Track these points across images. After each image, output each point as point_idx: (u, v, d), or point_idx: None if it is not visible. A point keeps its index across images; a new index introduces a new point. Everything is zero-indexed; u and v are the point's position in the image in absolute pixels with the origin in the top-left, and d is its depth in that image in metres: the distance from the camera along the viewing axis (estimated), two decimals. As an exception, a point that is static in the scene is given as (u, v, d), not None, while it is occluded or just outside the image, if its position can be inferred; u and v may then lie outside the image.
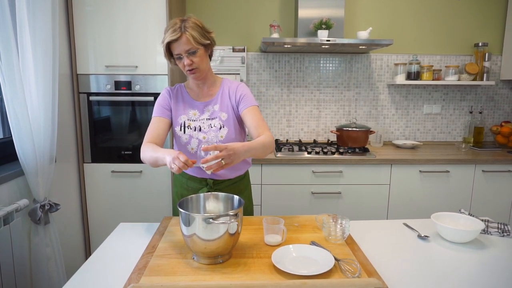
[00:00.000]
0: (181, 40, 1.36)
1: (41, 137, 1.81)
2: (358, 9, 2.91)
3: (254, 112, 1.48)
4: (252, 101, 1.51)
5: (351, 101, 3.02)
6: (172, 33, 1.36)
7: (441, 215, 1.41)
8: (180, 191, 1.60)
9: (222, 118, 1.50)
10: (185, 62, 1.40)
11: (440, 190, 2.51)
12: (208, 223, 1.04)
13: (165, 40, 1.38)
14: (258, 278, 1.02)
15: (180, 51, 1.39)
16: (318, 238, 1.29)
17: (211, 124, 1.49)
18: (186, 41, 1.37)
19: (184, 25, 1.37)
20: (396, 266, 1.15)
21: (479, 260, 1.19)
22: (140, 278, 1.02)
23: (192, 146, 1.50)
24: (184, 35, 1.36)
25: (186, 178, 1.58)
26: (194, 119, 1.51)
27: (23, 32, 1.70)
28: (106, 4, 2.27)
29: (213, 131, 1.49)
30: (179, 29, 1.36)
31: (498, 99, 3.07)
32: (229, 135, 1.50)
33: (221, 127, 1.49)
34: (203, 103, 1.52)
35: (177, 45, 1.38)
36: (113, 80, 2.36)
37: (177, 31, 1.36)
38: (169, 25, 1.40)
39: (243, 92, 1.52)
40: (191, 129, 1.49)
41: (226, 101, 1.52)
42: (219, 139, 1.49)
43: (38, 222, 1.79)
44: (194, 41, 1.37)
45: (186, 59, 1.39)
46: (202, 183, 1.55)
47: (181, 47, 1.38)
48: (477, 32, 2.98)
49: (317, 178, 2.46)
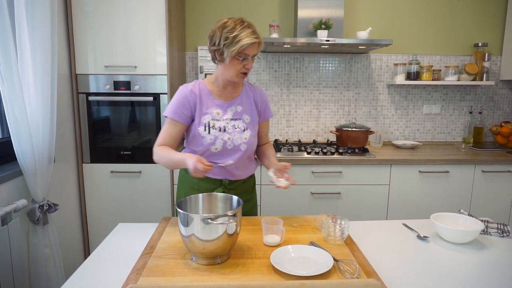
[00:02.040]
0: (256, 45, 1.41)
1: (39, 137, 1.81)
2: (358, 9, 2.91)
3: (268, 123, 1.67)
4: (271, 112, 1.65)
5: (350, 101, 3.02)
6: (252, 34, 1.38)
7: (440, 215, 1.40)
8: (188, 192, 1.54)
9: (245, 120, 1.53)
10: (249, 66, 1.44)
11: (440, 190, 2.51)
12: (207, 224, 1.04)
13: (246, 40, 1.37)
14: (257, 279, 1.02)
15: (251, 53, 1.41)
16: (317, 238, 1.28)
17: (235, 125, 1.50)
18: (259, 47, 1.43)
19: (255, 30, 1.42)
20: (395, 266, 1.15)
21: (478, 261, 1.19)
22: (138, 278, 1.01)
23: (217, 146, 1.48)
24: (259, 41, 1.42)
25: (197, 179, 1.54)
26: (218, 119, 1.49)
27: (21, 31, 1.70)
28: (106, 4, 2.27)
29: (237, 132, 1.50)
30: (256, 33, 1.41)
31: (498, 99, 3.07)
32: (251, 138, 1.53)
33: (244, 129, 1.51)
34: (227, 103, 1.52)
35: (252, 48, 1.40)
36: (112, 80, 2.36)
37: (256, 34, 1.40)
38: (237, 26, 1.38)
39: (267, 101, 1.63)
40: (215, 130, 1.48)
41: (251, 105, 1.56)
42: (243, 141, 1.50)
43: (36, 222, 1.79)
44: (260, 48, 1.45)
45: (251, 63, 1.44)
46: (216, 183, 1.54)
47: (254, 50, 1.42)
48: (476, 32, 2.98)
49: (317, 178, 2.46)
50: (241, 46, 1.37)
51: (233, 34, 1.37)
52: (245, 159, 1.55)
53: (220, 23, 1.42)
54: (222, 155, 1.49)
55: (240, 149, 1.50)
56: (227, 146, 1.48)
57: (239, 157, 1.51)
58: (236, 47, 1.37)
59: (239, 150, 1.50)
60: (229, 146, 1.48)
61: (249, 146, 1.52)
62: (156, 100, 2.38)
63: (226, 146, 1.48)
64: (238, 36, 1.37)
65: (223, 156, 1.50)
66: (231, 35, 1.37)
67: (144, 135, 2.44)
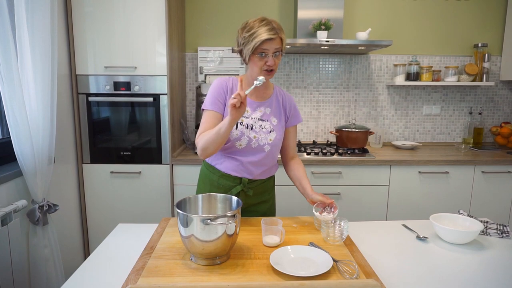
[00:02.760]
0: (276, 40, 1.40)
1: (39, 138, 1.81)
2: (357, 10, 2.91)
3: (295, 131, 1.65)
4: (300, 117, 1.64)
5: (350, 102, 3.02)
6: (270, 31, 1.38)
7: (440, 216, 1.41)
8: (209, 189, 1.56)
9: (272, 122, 1.54)
10: (270, 62, 1.42)
11: (440, 191, 2.51)
12: (206, 224, 1.04)
13: (262, 36, 1.37)
14: (256, 279, 1.02)
15: (269, 48, 1.40)
16: (317, 239, 1.28)
17: (262, 125, 1.51)
18: (279, 42, 1.41)
19: (276, 27, 1.41)
20: (394, 267, 1.15)
21: (478, 261, 1.19)
22: (138, 279, 1.02)
23: (241, 143, 1.49)
24: (278, 37, 1.40)
25: (218, 175, 1.55)
26: (246, 116, 1.51)
27: (21, 32, 1.70)
28: (105, 5, 2.27)
29: (264, 133, 1.51)
30: (275, 29, 1.39)
31: (498, 100, 3.07)
32: (276, 140, 1.54)
33: (271, 130, 1.52)
34: (257, 103, 1.54)
35: (269, 43, 1.39)
36: (112, 80, 2.36)
37: (274, 30, 1.39)
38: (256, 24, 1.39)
39: (295, 106, 1.63)
40: (243, 126, 1.49)
41: (279, 108, 1.57)
42: (268, 142, 1.52)
43: (36, 223, 1.79)
44: (283, 44, 1.44)
45: (272, 59, 1.42)
46: (236, 181, 1.54)
47: (272, 45, 1.40)
48: (476, 32, 2.98)
49: (316, 179, 2.46)
50: (256, 43, 1.38)
51: (250, 33, 1.39)
52: (268, 160, 1.56)
53: (242, 25, 1.45)
54: (245, 152, 1.50)
55: (263, 150, 1.51)
56: (252, 144, 1.49)
57: (262, 157, 1.52)
58: (252, 44, 1.39)
59: (262, 150, 1.51)
60: (254, 144, 1.49)
61: (273, 148, 1.54)
62: (156, 100, 2.38)
63: (250, 144, 1.49)
64: (255, 33, 1.38)
65: (246, 153, 1.51)
66: (248, 34, 1.40)
67: (144, 136, 2.44)
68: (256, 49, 1.40)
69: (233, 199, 1.24)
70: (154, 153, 2.44)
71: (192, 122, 2.99)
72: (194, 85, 2.94)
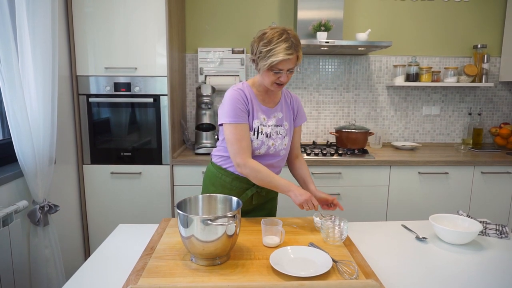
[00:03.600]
0: (292, 60, 1.36)
1: (40, 139, 1.81)
2: (357, 11, 2.92)
3: (300, 130, 1.66)
4: (305, 117, 1.65)
5: (350, 103, 3.03)
6: (287, 50, 1.33)
7: (439, 216, 1.41)
8: (221, 191, 1.53)
9: (285, 126, 1.55)
10: (283, 79, 1.39)
11: (439, 191, 2.51)
12: (206, 225, 1.05)
13: (279, 57, 1.32)
14: (256, 280, 1.02)
15: (284, 68, 1.37)
16: (317, 239, 1.29)
17: (277, 131, 1.52)
18: (295, 61, 1.38)
19: (294, 43, 1.35)
20: (394, 267, 1.16)
21: (477, 262, 1.19)
22: (138, 279, 1.02)
23: (261, 151, 1.49)
24: (296, 55, 1.36)
25: (231, 178, 1.55)
26: (264, 124, 1.50)
27: (22, 33, 1.70)
28: (106, 6, 2.28)
29: (279, 138, 1.52)
30: (293, 47, 1.34)
31: (497, 100, 3.07)
32: (289, 144, 1.57)
33: (285, 135, 1.54)
34: (270, 110, 1.53)
35: (285, 63, 1.35)
36: (112, 81, 2.36)
37: (291, 49, 1.34)
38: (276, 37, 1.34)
39: (300, 106, 1.63)
40: (263, 135, 1.49)
41: (289, 111, 1.58)
42: (284, 147, 1.54)
43: (37, 223, 1.79)
44: (299, 61, 1.40)
45: (285, 76, 1.39)
46: (250, 183, 1.54)
47: (288, 65, 1.37)
48: (476, 34, 2.99)
49: (316, 179, 2.46)
50: (272, 62, 1.34)
51: (267, 48, 1.34)
52: (281, 163, 1.60)
53: (260, 34, 1.39)
54: (262, 157, 1.52)
55: (279, 154, 1.54)
56: (270, 151, 1.51)
57: (277, 161, 1.55)
58: (268, 62, 1.35)
59: (278, 155, 1.54)
60: (271, 151, 1.51)
61: (287, 151, 1.58)
62: (156, 101, 2.39)
63: (269, 151, 1.51)
64: (272, 50, 1.33)
65: (263, 158, 1.52)
66: (265, 49, 1.35)
67: (144, 137, 2.44)
68: (272, 67, 1.37)
69: (233, 199, 1.24)
70: (154, 154, 2.45)
71: (192, 123, 2.99)
72: (194, 85, 2.94)
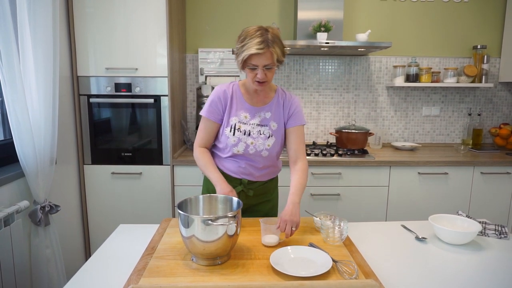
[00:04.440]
0: (265, 54, 1.33)
1: (41, 139, 1.82)
2: (357, 11, 2.92)
3: (299, 132, 1.53)
4: (302, 119, 1.54)
5: (350, 103, 3.03)
6: (259, 45, 1.31)
7: (438, 217, 1.42)
8: (212, 188, 1.56)
9: (272, 127, 1.52)
10: (260, 76, 1.36)
11: (439, 192, 2.52)
12: (207, 225, 1.05)
13: (249, 51, 1.31)
14: (257, 280, 1.03)
15: (258, 64, 1.35)
16: (317, 239, 1.29)
17: (260, 131, 1.50)
18: (269, 57, 1.34)
19: (269, 39, 1.33)
20: (393, 267, 1.16)
21: (476, 262, 1.20)
22: (139, 279, 1.03)
23: (239, 149, 1.49)
24: (269, 51, 1.33)
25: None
26: (244, 122, 1.50)
27: (23, 34, 1.71)
28: (106, 6, 2.29)
29: (262, 138, 1.50)
30: (266, 42, 1.32)
31: (497, 101, 3.08)
32: (274, 145, 1.52)
33: (269, 136, 1.51)
34: (256, 108, 1.51)
35: (258, 58, 1.33)
36: (113, 82, 2.37)
37: (264, 44, 1.32)
38: (251, 33, 1.34)
39: (297, 107, 1.54)
40: (240, 132, 1.49)
41: (280, 111, 1.53)
42: (266, 147, 1.50)
43: (38, 223, 1.80)
44: (276, 58, 1.36)
45: (261, 73, 1.36)
46: (236, 182, 1.56)
47: (261, 61, 1.34)
48: (475, 34, 2.99)
49: (316, 180, 2.47)
50: (244, 56, 1.34)
51: (241, 44, 1.35)
52: (268, 163, 1.56)
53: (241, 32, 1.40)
54: (244, 157, 1.52)
55: (261, 155, 1.51)
56: (249, 150, 1.50)
57: (261, 162, 1.53)
58: (241, 57, 1.36)
59: (260, 156, 1.52)
60: (251, 150, 1.50)
61: (271, 153, 1.53)
62: (156, 102, 2.40)
63: (248, 150, 1.50)
64: (245, 46, 1.34)
65: (245, 158, 1.52)
66: (240, 45, 1.36)
67: (145, 137, 2.45)
68: (245, 63, 1.37)
69: (234, 200, 1.25)
70: (154, 154, 2.46)
71: (193, 123, 3.00)
72: (194, 86, 2.95)
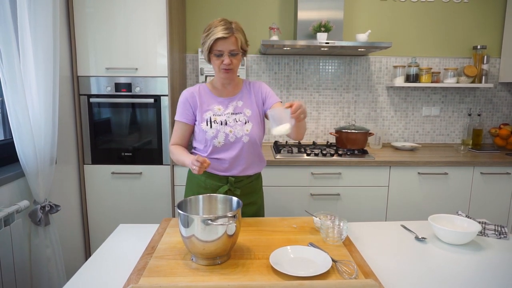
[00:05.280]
0: (230, 39, 1.43)
1: (41, 139, 1.82)
2: (357, 12, 2.93)
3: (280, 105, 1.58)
4: (276, 97, 1.62)
5: (350, 103, 3.03)
6: (224, 30, 1.41)
7: (438, 217, 1.42)
8: (196, 190, 1.62)
9: (246, 114, 1.56)
10: (225, 61, 1.45)
11: (439, 192, 2.52)
12: (207, 225, 1.05)
13: (215, 35, 1.41)
14: (256, 279, 1.03)
15: (224, 49, 1.44)
16: (316, 239, 1.30)
17: (236, 119, 1.55)
18: (234, 42, 1.45)
19: (233, 27, 1.45)
20: (393, 267, 1.16)
21: (475, 262, 1.20)
22: (139, 279, 1.03)
23: (219, 140, 1.53)
24: (233, 36, 1.44)
25: (204, 176, 1.59)
26: (219, 114, 1.55)
27: (24, 34, 1.71)
28: (106, 6, 2.29)
29: (239, 125, 1.54)
30: (230, 29, 1.43)
31: (497, 101, 3.08)
32: (253, 130, 1.56)
33: (246, 122, 1.55)
34: (227, 99, 1.58)
35: (223, 43, 1.43)
36: (113, 82, 2.37)
37: (228, 30, 1.42)
38: (215, 23, 1.44)
39: (267, 90, 1.63)
40: (217, 123, 1.53)
41: (251, 98, 1.59)
42: (245, 133, 1.54)
43: (38, 223, 1.80)
44: (240, 44, 1.47)
45: (227, 58, 1.45)
46: (223, 181, 1.58)
47: (226, 46, 1.43)
48: (475, 34, 2.99)
49: (316, 179, 2.47)
50: (210, 41, 1.42)
51: (206, 33, 1.45)
52: (250, 151, 1.57)
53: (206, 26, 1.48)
54: (225, 149, 1.53)
55: (242, 141, 1.54)
56: (230, 139, 1.52)
57: (243, 149, 1.54)
58: (207, 43, 1.44)
59: (241, 141, 1.53)
60: (231, 138, 1.52)
61: (252, 137, 1.55)
62: (157, 102, 2.40)
63: (228, 138, 1.52)
64: (209, 34, 1.43)
65: (226, 149, 1.53)
66: (205, 35, 1.45)
67: (145, 137, 2.45)
68: (211, 49, 1.45)
69: (234, 199, 1.25)
70: (155, 154, 2.46)
71: (193, 123, 3.00)
72: (194, 86, 2.95)
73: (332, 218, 1.36)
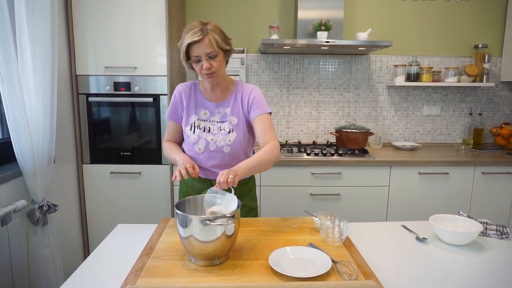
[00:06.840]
0: (203, 42, 1.34)
1: (39, 138, 1.81)
2: (358, 10, 2.91)
3: (264, 120, 1.47)
4: (264, 108, 1.49)
5: (350, 103, 3.02)
6: (193, 34, 1.33)
7: (439, 217, 1.40)
8: (185, 190, 1.63)
9: (232, 122, 1.50)
10: (204, 66, 1.36)
11: (440, 192, 2.50)
12: (205, 225, 1.04)
13: (186, 41, 1.34)
14: (255, 280, 1.02)
15: (200, 54, 1.35)
16: (316, 240, 1.28)
17: (220, 127, 1.49)
18: (208, 44, 1.34)
19: (206, 28, 1.36)
20: (393, 268, 1.15)
21: (477, 263, 1.19)
22: (137, 279, 1.02)
23: (200, 146, 1.50)
24: (207, 38, 1.34)
25: (191, 178, 1.59)
26: (204, 119, 1.51)
27: (22, 32, 1.70)
28: (106, 5, 2.28)
29: (222, 134, 1.49)
30: (201, 31, 1.34)
31: (498, 100, 3.07)
32: (237, 140, 1.49)
33: (230, 131, 1.49)
34: (215, 104, 1.52)
35: (198, 47, 1.34)
36: (112, 81, 2.36)
37: (199, 33, 1.33)
38: (188, 27, 1.37)
39: (255, 98, 1.49)
40: (200, 130, 1.50)
41: (238, 105, 1.51)
42: (227, 143, 1.48)
43: (36, 223, 1.79)
44: (216, 45, 1.36)
45: (206, 62, 1.36)
46: (206, 183, 1.56)
47: (202, 49, 1.35)
48: (476, 33, 2.98)
49: (316, 179, 2.46)
50: (183, 50, 1.37)
51: (181, 40, 1.38)
52: (232, 161, 1.49)
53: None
54: (206, 157, 1.51)
55: (223, 151, 1.49)
56: (210, 147, 1.49)
57: (223, 159, 1.50)
58: (181, 52, 1.39)
59: (221, 151, 1.49)
60: (212, 147, 1.49)
61: (234, 148, 1.49)
62: (156, 101, 2.39)
63: (208, 146, 1.49)
64: (183, 38, 1.37)
65: (207, 158, 1.51)
66: (180, 42, 1.39)
67: (144, 136, 2.44)
68: (189, 55, 1.39)
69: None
70: (154, 154, 2.45)
71: (192, 122, 2.99)
72: (194, 85, 2.94)
73: (332, 218, 1.35)
